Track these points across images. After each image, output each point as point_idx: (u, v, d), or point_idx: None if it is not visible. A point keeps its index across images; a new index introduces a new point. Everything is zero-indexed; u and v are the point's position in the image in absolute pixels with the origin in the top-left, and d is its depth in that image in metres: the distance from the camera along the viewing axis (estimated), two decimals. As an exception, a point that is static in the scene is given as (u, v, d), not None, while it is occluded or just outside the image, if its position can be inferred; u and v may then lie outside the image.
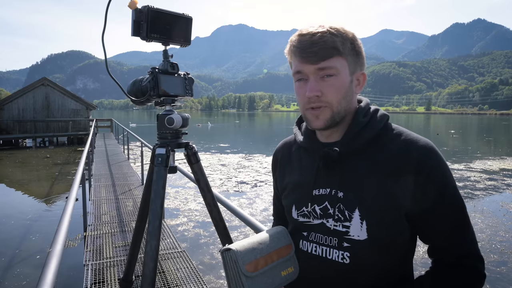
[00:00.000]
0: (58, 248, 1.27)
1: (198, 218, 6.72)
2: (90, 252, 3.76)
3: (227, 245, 0.80)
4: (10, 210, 7.50)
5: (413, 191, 0.78)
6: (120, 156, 12.09)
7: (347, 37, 0.81)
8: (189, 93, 1.49)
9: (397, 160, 0.79)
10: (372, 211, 0.80)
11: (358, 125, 0.84)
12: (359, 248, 0.80)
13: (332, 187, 0.85)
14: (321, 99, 0.80)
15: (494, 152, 18.33)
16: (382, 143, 0.83)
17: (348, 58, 0.81)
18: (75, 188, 2.23)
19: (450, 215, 0.79)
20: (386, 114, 0.88)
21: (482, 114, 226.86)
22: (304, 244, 0.89)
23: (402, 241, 0.82)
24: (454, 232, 0.79)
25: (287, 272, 0.85)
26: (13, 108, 21.40)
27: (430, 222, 0.80)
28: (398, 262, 0.83)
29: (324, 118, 0.82)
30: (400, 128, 0.85)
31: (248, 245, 0.81)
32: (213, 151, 17.87)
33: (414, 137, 0.81)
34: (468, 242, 0.80)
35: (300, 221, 0.90)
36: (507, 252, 5.32)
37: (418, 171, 0.77)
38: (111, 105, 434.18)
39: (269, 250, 0.83)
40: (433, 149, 0.79)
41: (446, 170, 0.79)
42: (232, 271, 0.77)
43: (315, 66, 0.79)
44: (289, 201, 0.95)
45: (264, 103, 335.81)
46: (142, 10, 1.31)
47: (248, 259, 0.78)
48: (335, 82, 0.80)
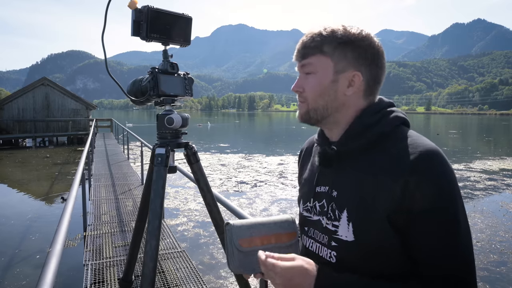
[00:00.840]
0: (57, 248, 1.27)
1: (198, 218, 6.72)
2: (90, 252, 3.75)
3: (230, 220, 0.86)
4: (10, 210, 7.50)
5: (402, 197, 0.72)
6: (120, 156, 12.09)
7: (335, 37, 0.80)
8: (189, 93, 1.49)
9: (392, 163, 0.75)
10: (358, 213, 0.78)
11: (360, 125, 0.83)
12: (346, 249, 0.79)
13: (329, 185, 0.86)
14: (302, 95, 0.87)
15: (494, 152, 18.34)
16: (385, 145, 0.80)
17: (333, 56, 0.81)
18: (75, 188, 2.23)
19: (439, 229, 0.71)
20: (399, 118, 0.82)
21: (482, 114, 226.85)
22: (304, 239, 0.92)
23: (392, 247, 0.75)
24: (441, 246, 0.70)
25: None
26: (13, 108, 21.40)
27: (413, 233, 0.72)
28: (388, 266, 0.77)
29: (301, 111, 0.88)
30: (412, 133, 0.80)
31: (247, 223, 0.86)
32: (213, 151, 17.87)
33: (417, 142, 0.76)
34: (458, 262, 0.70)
35: (304, 215, 0.93)
36: (506, 252, 5.33)
37: (410, 176, 0.72)
38: (111, 105, 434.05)
39: (268, 232, 0.86)
40: (433, 155, 0.73)
41: (443, 178, 0.71)
42: (229, 244, 0.83)
43: (299, 63, 0.86)
44: (300, 195, 0.99)
45: (264, 103, 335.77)
46: (142, 10, 1.31)
47: (243, 235, 0.83)
48: (312, 80, 0.84)
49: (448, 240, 0.70)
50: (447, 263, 0.70)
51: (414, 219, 0.72)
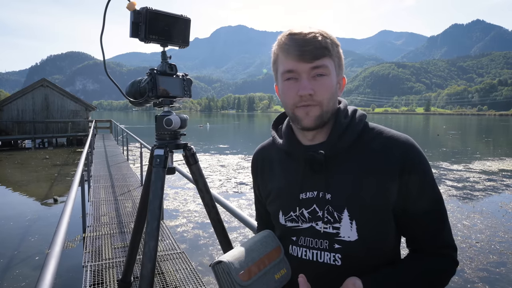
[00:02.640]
0: (57, 249, 1.27)
1: (197, 219, 6.72)
2: (89, 253, 3.75)
3: (216, 258, 0.79)
4: (9, 211, 7.49)
5: (399, 187, 0.80)
6: (119, 157, 12.09)
7: (334, 41, 0.84)
8: (188, 94, 1.49)
9: (381, 159, 0.81)
10: (360, 211, 0.81)
11: (341, 126, 0.85)
12: (351, 249, 0.81)
13: (319, 189, 0.85)
14: (313, 98, 0.81)
15: (493, 153, 18.35)
16: (364, 142, 0.85)
17: (335, 60, 0.84)
18: (74, 189, 2.23)
19: (431, 208, 0.83)
20: (364, 114, 0.90)
21: (481, 115, 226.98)
22: (294, 249, 0.88)
23: (391, 239, 0.84)
24: (435, 224, 0.83)
25: (280, 274, 0.84)
26: (12, 109, 21.38)
27: (412, 215, 0.83)
28: (388, 260, 0.85)
29: (314, 116, 0.82)
30: (379, 126, 0.88)
31: (239, 254, 0.80)
32: (213, 152, 17.86)
33: (394, 135, 0.84)
34: (446, 233, 0.84)
35: (288, 226, 0.89)
36: (506, 252, 5.33)
37: (402, 168, 0.80)
38: (110, 106, 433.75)
39: (259, 255, 0.82)
40: (414, 146, 0.82)
41: (427, 165, 0.83)
42: (226, 283, 0.76)
43: (310, 64, 0.80)
44: (275, 207, 0.94)
45: (263, 104, 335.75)
46: (140, 11, 1.31)
47: (241, 268, 0.77)
48: (326, 82, 0.82)
49: (443, 217, 0.83)
50: (444, 234, 0.83)
51: (412, 203, 0.82)
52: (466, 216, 7.06)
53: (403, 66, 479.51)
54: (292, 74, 0.82)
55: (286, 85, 0.84)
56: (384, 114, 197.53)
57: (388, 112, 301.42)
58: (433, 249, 0.83)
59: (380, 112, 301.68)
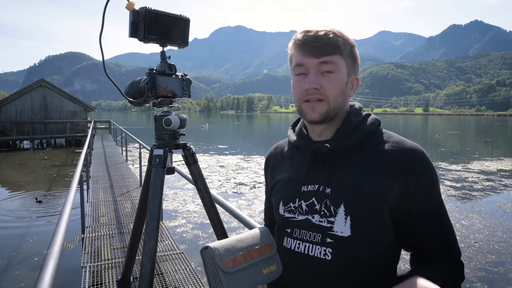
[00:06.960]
0: (55, 250, 1.26)
1: (197, 219, 6.71)
2: (88, 254, 3.74)
3: (205, 244, 0.81)
4: (8, 212, 7.47)
5: (402, 192, 0.80)
6: (118, 157, 12.07)
7: (348, 41, 0.86)
8: (187, 94, 1.49)
9: (387, 161, 0.82)
10: (357, 208, 0.81)
11: (350, 124, 0.88)
12: (342, 245, 0.81)
13: (320, 183, 0.86)
14: (320, 92, 0.84)
15: (492, 153, 18.40)
16: (373, 144, 0.86)
17: (347, 60, 0.86)
18: (73, 190, 2.22)
19: (439, 217, 0.83)
20: (378, 119, 0.91)
21: (480, 115, 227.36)
22: (288, 241, 0.89)
23: (387, 241, 0.83)
24: (445, 232, 0.84)
25: (269, 270, 0.84)
26: (11, 109, 21.33)
27: (421, 224, 0.82)
28: (382, 261, 0.83)
29: (320, 111, 0.85)
30: (391, 132, 0.89)
31: (226, 242, 0.82)
32: (212, 152, 17.86)
33: (405, 141, 0.85)
34: (455, 241, 0.85)
35: (286, 216, 0.91)
36: (504, 252, 5.34)
37: (408, 173, 0.80)
38: (109, 106, 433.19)
39: (249, 248, 0.83)
40: (423, 153, 0.82)
41: (434, 173, 0.82)
42: (210, 267, 0.78)
43: (318, 60, 0.83)
44: (277, 197, 0.96)
45: (262, 105, 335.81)
46: (139, 11, 1.31)
47: (226, 255, 0.79)
48: (335, 78, 0.84)
49: (448, 226, 0.84)
50: (451, 243, 0.84)
51: (419, 212, 0.81)
52: (464, 216, 7.07)
53: (402, 66, 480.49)
54: (301, 68, 0.86)
55: (296, 80, 0.88)
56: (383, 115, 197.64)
57: (387, 112, 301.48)
58: (450, 257, 0.84)
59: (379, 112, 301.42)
